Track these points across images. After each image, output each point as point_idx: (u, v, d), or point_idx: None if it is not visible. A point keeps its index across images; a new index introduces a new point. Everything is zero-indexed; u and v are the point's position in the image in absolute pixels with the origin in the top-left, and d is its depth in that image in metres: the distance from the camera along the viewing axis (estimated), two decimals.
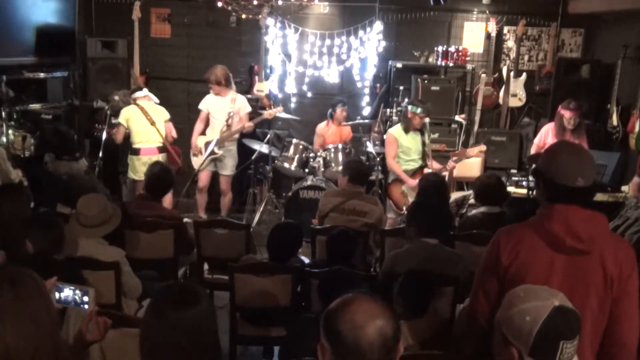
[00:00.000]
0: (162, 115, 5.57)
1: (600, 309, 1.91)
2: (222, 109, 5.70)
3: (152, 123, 5.44)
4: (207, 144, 5.72)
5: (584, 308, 1.86)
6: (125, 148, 5.85)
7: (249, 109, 5.88)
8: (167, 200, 5.50)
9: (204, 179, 5.89)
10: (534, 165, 2.23)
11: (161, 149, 5.51)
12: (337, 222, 4.15)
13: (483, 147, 5.50)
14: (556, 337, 1.59)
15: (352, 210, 4.26)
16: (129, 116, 5.47)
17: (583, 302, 1.88)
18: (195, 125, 5.87)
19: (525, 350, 1.62)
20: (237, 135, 5.83)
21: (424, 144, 5.41)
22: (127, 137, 5.59)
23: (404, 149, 5.37)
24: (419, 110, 5.25)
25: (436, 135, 6.31)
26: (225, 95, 5.73)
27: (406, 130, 5.34)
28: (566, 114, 5.37)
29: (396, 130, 5.42)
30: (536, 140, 5.76)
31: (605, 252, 1.90)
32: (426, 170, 5.27)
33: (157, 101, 5.76)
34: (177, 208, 5.56)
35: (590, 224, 1.90)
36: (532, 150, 5.81)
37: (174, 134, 5.70)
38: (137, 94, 5.58)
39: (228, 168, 5.86)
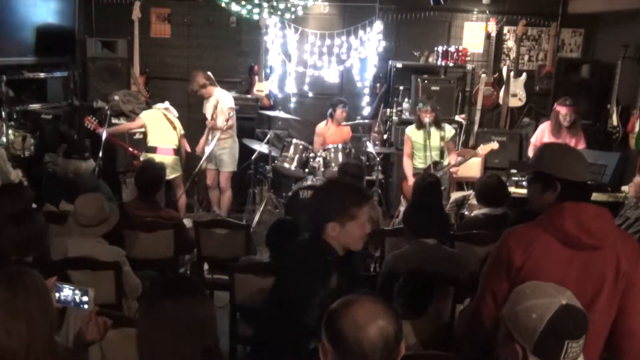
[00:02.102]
0: (179, 127, 5.73)
1: (609, 303, 1.93)
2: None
3: (174, 128, 5.63)
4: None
5: (594, 303, 1.88)
6: (124, 150, 5.90)
7: (230, 104, 5.78)
8: (182, 205, 5.63)
9: (210, 177, 6.05)
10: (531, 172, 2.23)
11: (176, 151, 5.65)
12: None
13: (495, 145, 5.46)
14: (561, 336, 1.56)
15: None
16: (150, 115, 5.63)
17: (594, 298, 1.89)
18: None
19: (529, 348, 1.59)
20: (230, 132, 5.80)
21: (442, 139, 5.51)
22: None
23: (417, 145, 5.58)
24: (421, 106, 5.49)
25: None
26: (213, 95, 5.75)
27: (418, 127, 5.55)
28: (562, 110, 5.37)
29: (409, 129, 5.66)
30: (532, 139, 5.76)
31: (616, 246, 1.93)
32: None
33: (177, 115, 5.81)
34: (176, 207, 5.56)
35: (600, 219, 1.93)
36: (530, 150, 5.81)
37: (187, 148, 5.84)
38: (159, 105, 5.73)
39: (226, 165, 5.90)
